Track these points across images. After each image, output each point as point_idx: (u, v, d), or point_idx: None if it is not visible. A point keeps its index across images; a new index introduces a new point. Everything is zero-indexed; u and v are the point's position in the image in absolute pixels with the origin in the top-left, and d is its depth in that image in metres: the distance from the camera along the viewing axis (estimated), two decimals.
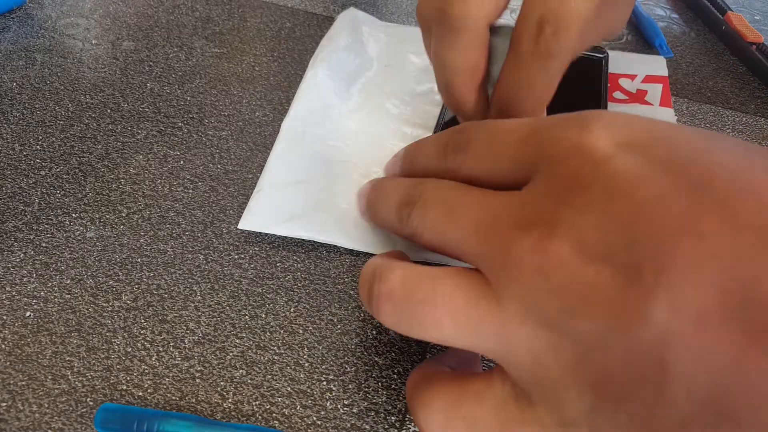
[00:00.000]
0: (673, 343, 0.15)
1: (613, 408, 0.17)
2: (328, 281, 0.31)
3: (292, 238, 0.33)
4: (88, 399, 0.26)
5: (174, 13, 0.48)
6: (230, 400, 0.27)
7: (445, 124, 0.38)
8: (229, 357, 0.28)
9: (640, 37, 0.49)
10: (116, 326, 0.29)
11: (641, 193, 0.17)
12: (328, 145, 0.37)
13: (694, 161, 0.17)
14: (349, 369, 0.28)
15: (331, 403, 0.27)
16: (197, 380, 0.27)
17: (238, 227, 0.33)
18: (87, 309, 0.30)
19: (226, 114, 0.40)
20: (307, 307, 0.30)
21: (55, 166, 0.36)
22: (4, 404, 0.26)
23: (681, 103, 0.43)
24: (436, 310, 0.20)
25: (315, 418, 0.26)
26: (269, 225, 0.33)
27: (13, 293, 0.30)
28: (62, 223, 0.33)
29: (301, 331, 0.29)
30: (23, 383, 0.27)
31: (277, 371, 0.28)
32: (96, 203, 0.34)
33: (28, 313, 0.29)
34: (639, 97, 0.42)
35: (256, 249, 0.32)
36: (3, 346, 0.28)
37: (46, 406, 0.26)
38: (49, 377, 0.27)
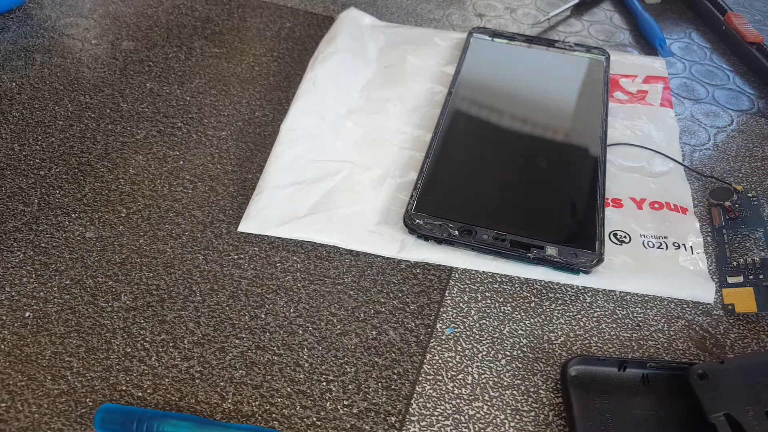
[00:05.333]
0: None
1: None
2: (327, 281, 0.31)
3: (291, 239, 0.33)
4: (88, 399, 0.26)
5: (174, 13, 0.48)
6: (230, 401, 0.27)
7: (445, 123, 0.38)
8: (228, 357, 0.28)
9: (640, 37, 0.49)
10: (116, 327, 0.29)
11: None
12: (328, 145, 0.37)
13: None
14: (349, 369, 0.28)
15: (330, 404, 0.27)
16: (197, 381, 0.27)
17: (239, 230, 0.33)
18: (86, 309, 0.29)
19: (226, 114, 0.40)
20: (307, 307, 0.30)
21: (55, 166, 0.36)
22: (4, 405, 0.26)
23: (681, 103, 0.43)
24: None
25: (315, 419, 0.26)
26: (269, 228, 0.33)
27: (13, 293, 0.30)
28: (62, 223, 0.33)
29: (300, 332, 0.29)
30: (23, 384, 0.27)
31: (276, 372, 0.28)
32: (95, 203, 0.34)
33: (27, 314, 0.29)
34: (639, 97, 0.42)
35: (256, 249, 0.32)
36: (2, 346, 0.28)
37: (46, 406, 0.26)
38: (49, 378, 0.27)
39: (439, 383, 0.28)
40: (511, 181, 0.35)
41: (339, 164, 0.36)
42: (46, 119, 0.39)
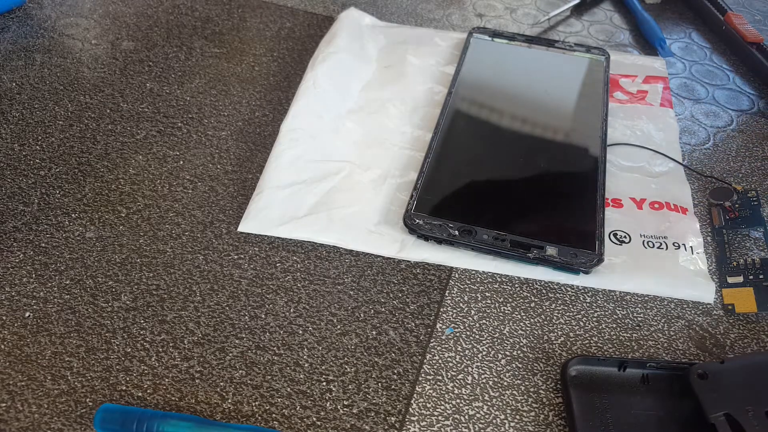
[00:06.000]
0: None
1: None
2: (327, 281, 0.31)
3: (291, 239, 0.33)
4: (88, 399, 0.26)
5: (174, 13, 0.48)
6: (230, 401, 0.27)
7: (445, 124, 0.38)
8: (228, 357, 0.28)
9: (640, 37, 0.49)
10: (116, 327, 0.29)
11: None
12: (328, 145, 0.37)
13: None
14: (349, 369, 0.28)
15: (330, 404, 0.27)
16: (197, 381, 0.27)
17: (239, 230, 0.33)
18: (86, 309, 0.29)
19: (226, 114, 0.40)
20: (307, 307, 0.30)
21: (55, 166, 0.36)
22: (4, 405, 0.26)
23: (681, 103, 0.43)
24: None
25: (315, 419, 0.26)
26: (269, 228, 0.33)
27: (13, 293, 0.30)
28: (62, 223, 0.33)
29: (300, 332, 0.29)
30: (23, 384, 0.27)
31: (276, 372, 0.28)
32: (95, 203, 0.34)
33: (27, 314, 0.29)
34: (639, 97, 0.42)
35: (256, 249, 0.32)
36: (2, 346, 0.28)
37: (46, 406, 0.26)
38: (49, 378, 0.27)
39: (439, 383, 0.28)
40: (511, 181, 0.35)
41: (339, 164, 0.36)
42: (46, 119, 0.39)
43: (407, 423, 0.26)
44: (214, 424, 0.25)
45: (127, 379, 0.27)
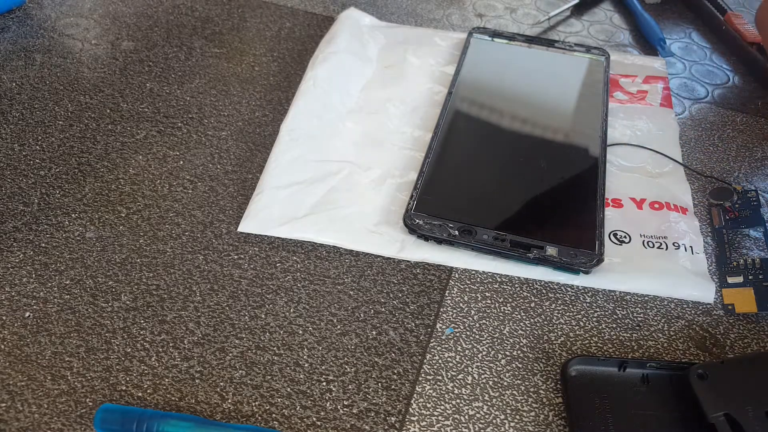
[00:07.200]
0: None
1: None
2: (327, 281, 0.31)
3: (291, 239, 0.33)
4: (88, 399, 0.26)
5: (174, 13, 0.48)
6: (230, 401, 0.27)
7: (445, 124, 0.38)
8: (228, 357, 0.28)
9: (640, 37, 0.49)
10: (116, 327, 0.29)
11: None
12: (328, 145, 0.37)
13: None
14: (349, 369, 0.28)
15: (330, 404, 0.27)
16: (197, 381, 0.27)
17: (239, 230, 0.33)
18: (86, 309, 0.29)
19: (226, 114, 0.40)
20: (307, 307, 0.30)
21: (55, 167, 0.36)
22: (4, 405, 0.26)
23: (681, 103, 0.43)
24: None
25: (314, 419, 0.26)
26: (269, 228, 0.33)
27: (13, 294, 0.30)
28: (62, 223, 0.33)
29: (300, 332, 0.29)
30: (23, 384, 0.27)
31: (276, 372, 0.28)
32: (95, 203, 0.34)
33: (27, 314, 0.29)
34: (639, 97, 0.42)
35: (256, 249, 0.32)
36: (2, 346, 0.28)
37: (46, 406, 0.26)
38: (49, 378, 0.27)
39: (439, 383, 0.28)
40: (511, 181, 0.35)
41: (339, 164, 0.36)
42: (46, 119, 0.39)
43: (407, 423, 0.26)
44: (214, 424, 0.25)
45: (127, 379, 0.27)
